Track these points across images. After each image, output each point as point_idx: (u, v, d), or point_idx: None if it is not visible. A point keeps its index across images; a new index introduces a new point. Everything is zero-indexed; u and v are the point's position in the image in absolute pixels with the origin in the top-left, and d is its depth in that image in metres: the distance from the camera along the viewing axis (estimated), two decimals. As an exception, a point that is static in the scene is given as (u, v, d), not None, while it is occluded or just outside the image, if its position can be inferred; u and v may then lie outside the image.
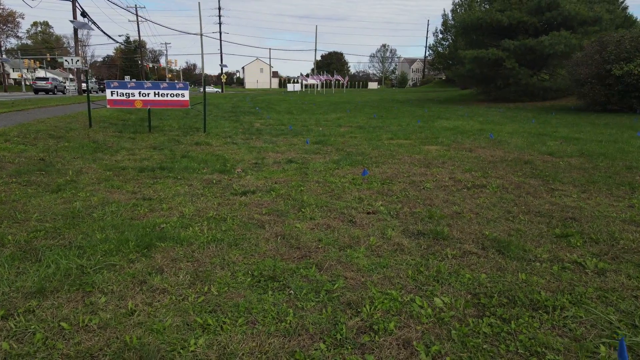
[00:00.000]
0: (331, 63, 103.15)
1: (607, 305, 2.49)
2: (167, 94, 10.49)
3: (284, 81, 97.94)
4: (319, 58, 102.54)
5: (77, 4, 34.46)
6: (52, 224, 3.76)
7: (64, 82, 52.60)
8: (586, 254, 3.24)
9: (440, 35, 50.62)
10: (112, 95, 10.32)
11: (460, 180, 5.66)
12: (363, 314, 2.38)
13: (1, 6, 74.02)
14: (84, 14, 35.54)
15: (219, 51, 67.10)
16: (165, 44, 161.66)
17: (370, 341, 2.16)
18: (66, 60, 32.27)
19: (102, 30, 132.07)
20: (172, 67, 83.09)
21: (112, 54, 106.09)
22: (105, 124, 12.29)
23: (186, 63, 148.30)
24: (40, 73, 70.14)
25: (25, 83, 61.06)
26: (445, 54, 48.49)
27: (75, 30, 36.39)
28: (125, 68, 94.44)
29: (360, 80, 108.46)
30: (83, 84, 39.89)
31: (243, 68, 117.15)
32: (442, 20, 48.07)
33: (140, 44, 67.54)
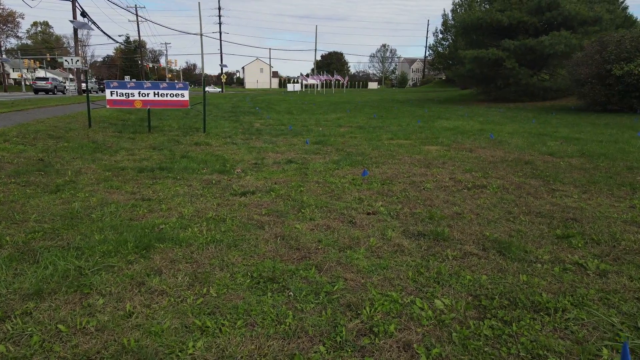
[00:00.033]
0: (331, 63, 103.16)
1: (609, 307, 2.47)
2: (167, 94, 10.47)
3: (284, 81, 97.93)
4: (319, 58, 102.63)
5: (77, 4, 34.45)
6: (51, 225, 3.74)
7: (64, 82, 52.58)
8: (587, 255, 3.22)
9: (440, 35, 50.65)
10: (112, 95, 10.31)
11: (461, 181, 5.64)
12: (363, 316, 2.36)
13: (1, 6, 74.08)
14: (84, 14, 35.54)
15: (219, 51, 67.12)
16: (165, 44, 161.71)
17: (370, 344, 2.14)
18: (66, 60, 32.29)
19: (102, 30, 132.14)
20: (172, 67, 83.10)
21: (112, 54, 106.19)
22: (105, 124, 12.27)
23: (186, 63, 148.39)
24: (40, 73, 70.17)
25: (25, 83, 61.07)
26: (445, 54, 48.48)
27: (75, 30, 36.38)
28: (125, 68, 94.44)
29: (360, 80, 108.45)
30: (83, 84, 39.89)
31: (243, 68, 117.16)
32: (442, 20, 48.08)
33: (140, 44, 67.53)
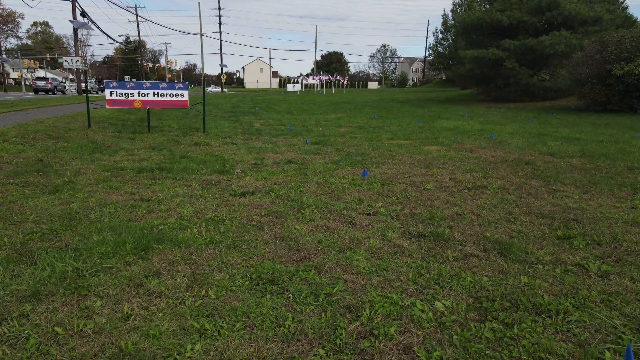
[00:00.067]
0: (331, 63, 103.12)
1: (611, 310, 2.45)
2: (167, 94, 10.45)
3: (284, 81, 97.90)
4: (319, 58, 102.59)
5: (77, 4, 34.43)
6: (49, 226, 3.72)
7: (64, 82, 52.59)
8: (589, 257, 3.19)
9: (440, 35, 50.61)
10: (111, 95, 10.29)
11: (461, 181, 5.62)
12: (363, 318, 2.34)
13: (1, 6, 74.05)
14: (84, 14, 35.53)
15: (219, 51, 67.15)
16: (165, 44, 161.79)
17: (370, 346, 2.12)
18: (66, 60, 32.29)
19: (102, 30, 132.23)
20: (172, 67, 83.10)
21: (112, 54, 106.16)
22: (105, 124, 12.25)
23: (186, 63, 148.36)
24: (40, 73, 70.16)
25: (25, 83, 61.06)
26: (445, 54, 48.45)
27: (75, 30, 36.36)
28: (125, 68, 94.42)
29: (360, 80, 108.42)
30: (83, 84, 39.88)
31: (243, 68, 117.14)
32: (442, 20, 48.02)
33: (140, 44, 67.51)
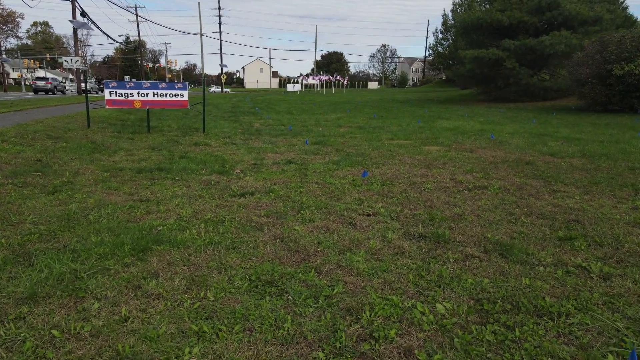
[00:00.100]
0: (331, 63, 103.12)
1: (614, 312, 2.42)
2: (166, 94, 10.43)
3: (284, 81, 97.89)
4: (319, 58, 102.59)
5: (77, 4, 34.41)
6: (47, 227, 3.70)
7: (64, 82, 52.57)
8: (591, 258, 3.17)
9: (440, 35, 50.60)
10: (111, 95, 10.27)
11: (461, 182, 5.59)
12: (363, 321, 2.32)
13: (1, 6, 74.04)
14: (84, 14, 35.50)
15: (219, 51, 67.16)
16: (165, 44, 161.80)
17: (370, 349, 2.09)
18: (66, 60, 32.26)
19: (102, 30, 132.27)
20: (172, 67, 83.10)
21: (112, 54, 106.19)
22: (104, 124, 12.23)
23: (186, 63, 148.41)
24: (40, 73, 70.14)
25: (25, 83, 61.06)
26: (445, 54, 48.43)
27: (75, 30, 36.34)
28: (125, 68, 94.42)
29: (360, 80, 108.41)
30: (83, 84, 39.85)
31: (243, 68, 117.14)
32: (442, 20, 48.02)
33: (140, 44, 67.49)
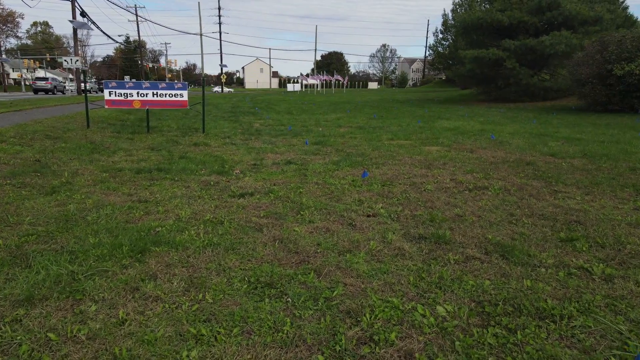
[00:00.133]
0: (331, 63, 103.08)
1: (616, 314, 2.40)
2: (166, 94, 10.40)
3: (284, 81, 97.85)
4: (319, 58, 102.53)
5: (77, 4, 34.38)
6: (45, 228, 3.67)
7: (64, 82, 52.51)
8: (592, 259, 3.15)
9: (440, 35, 50.63)
10: (110, 95, 10.24)
11: (462, 182, 5.57)
12: (363, 324, 2.29)
13: (1, 6, 74.04)
14: (83, 14, 35.47)
15: (219, 51, 67.10)
16: (165, 44, 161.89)
17: (370, 353, 2.07)
18: (65, 60, 32.20)
19: (102, 30, 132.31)
20: (172, 67, 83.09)
21: (112, 54, 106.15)
22: (104, 124, 12.20)
23: (186, 63, 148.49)
24: (40, 73, 70.07)
25: (24, 83, 61.03)
26: (446, 54, 48.44)
27: (75, 30, 36.30)
28: (125, 68, 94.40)
29: (360, 80, 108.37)
30: (82, 84, 39.81)
31: (243, 68, 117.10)
32: (442, 20, 48.04)
33: (140, 44, 67.44)
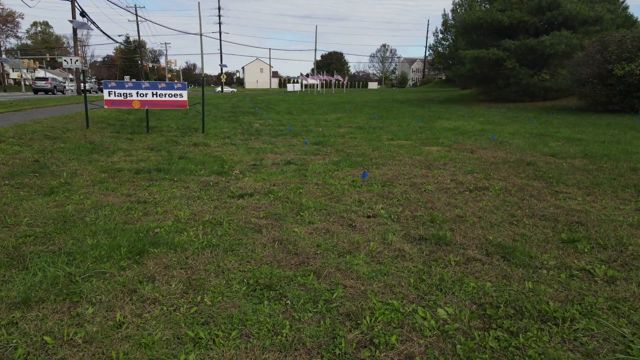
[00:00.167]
0: (331, 63, 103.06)
1: (619, 317, 2.37)
2: (165, 94, 10.37)
3: (284, 81, 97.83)
4: (319, 58, 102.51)
5: (76, 4, 34.35)
6: (43, 229, 3.64)
7: (64, 82, 52.48)
8: (594, 261, 3.12)
9: (441, 35, 50.60)
10: (110, 95, 10.22)
11: (462, 183, 5.54)
12: (363, 327, 2.27)
13: (1, 6, 74.03)
14: (83, 14, 35.44)
15: (219, 51, 67.08)
16: (165, 44, 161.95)
17: (370, 356, 2.04)
18: (65, 60, 32.16)
19: (102, 30, 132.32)
20: (172, 67, 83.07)
21: (112, 54, 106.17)
22: (103, 124, 12.18)
23: (186, 63, 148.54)
24: (40, 73, 70.03)
25: (24, 83, 61.00)
26: (446, 54, 48.41)
27: (75, 30, 36.27)
28: (125, 68, 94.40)
29: (360, 80, 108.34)
30: (82, 84, 39.79)
31: (243, 68, 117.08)
32: (442, 20, 48.02)
33: (140, 44, 67.41)
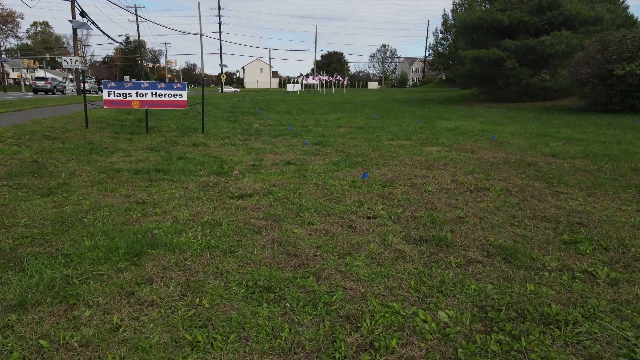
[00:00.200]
0: (331, 63, 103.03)
1: (622, 320, 2.34)
2: (165, 94, 10.35)
3: (284, 81, 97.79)
4: (319, 58, 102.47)
5: (76, 4, 34.32)
6: (40, 230, 3.62)
7: (64, 82, 52.45)
8: (597, 263, 3.09)
9: (441, 35, 50.57)
10: (109, 95, 10.19)
11: (463, 183, 5.51)
12: (363, 330, 2.24)
13: (1, 6, 74.01)
14: (83, 14, 35.41)
15: (219, 51, 67.02)
16: (165, 44, 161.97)
17: (370, 360, 2.01)
18: (65, 60, 32.13)
19: (102, 30, 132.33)
20: (172, 67, 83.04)
21: (112, 54, 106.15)
22: (103, 124, 12.15)
23: (186, 63, 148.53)
24: (40, 73, 69.99)
25: (24, 83, 60.98)
26: (446, 54, 48.38)
27: (74, 30, 36.24)
28: (125, 68, 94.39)
29: (360, 80, 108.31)
30: (82, 84, 39.76)
31: (243, 68, 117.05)
32: (442, 20, 47.99)
33: (140, 44, 67.38)
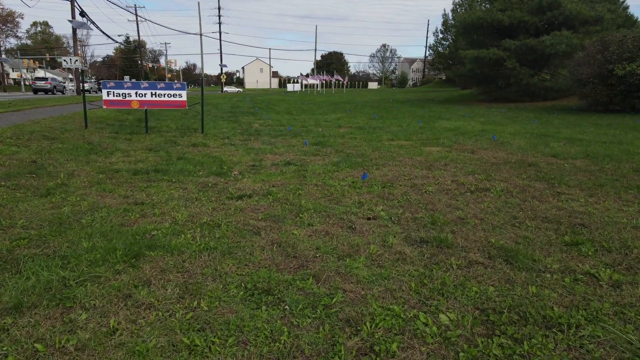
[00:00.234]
0: (331, 63, 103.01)
1: (626, 323, 2.32)
2: (165, 95, 10.32)
3: (284, 81, 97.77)
4: (319, 58, 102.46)
5: (76, 4, 34.29)
6: (38, 231, 3.59)
7: (64, 82, 52.42)
8: (599, 264, 3.06)
9: (441, 35, 50.61)
10: (109, 95, 10.16)
11: (463, 184, 5.48)
12: (363, 333, 2.21)
13: (0, 6, 73.98)
14: (83, 14, 35.39)
15: (219, 51, 67.03)
16: (165, 44, 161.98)
17: (371, 364, 1.98)
18: (65, 60, 32.12)
19: (101, 30, 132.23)
20: (172, 67, 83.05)
21: (112, 54, 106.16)
22: (102, 124, 12.12)
23: (186, 63, 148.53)
24: (40, 73, 69.96)
25: (24, 83, 60.97)
26: (446, 54, 48.39)
27: (74, 30, 36.21)
28: (125, 68, 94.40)
29: (360, 80, 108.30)
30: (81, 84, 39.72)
31: (243, 68, 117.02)
32: (442, 20, 48.02)
33: (139, 44, 67.36)
